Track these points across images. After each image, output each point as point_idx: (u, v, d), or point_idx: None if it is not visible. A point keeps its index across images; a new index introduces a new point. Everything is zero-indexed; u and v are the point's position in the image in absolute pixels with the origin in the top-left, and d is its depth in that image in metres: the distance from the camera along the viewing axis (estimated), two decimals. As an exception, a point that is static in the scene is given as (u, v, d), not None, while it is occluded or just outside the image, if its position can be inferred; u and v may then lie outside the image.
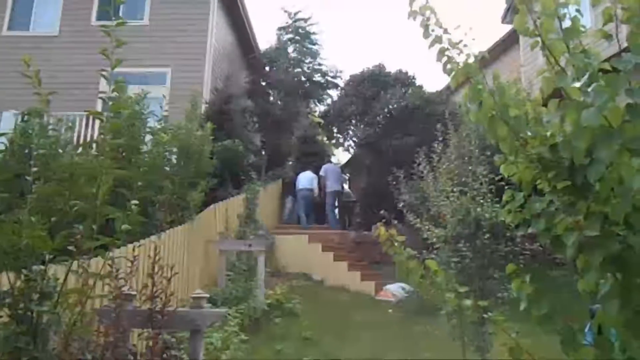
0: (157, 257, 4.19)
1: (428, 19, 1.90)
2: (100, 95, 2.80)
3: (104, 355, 3.53)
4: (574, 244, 1.70)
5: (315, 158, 14.54)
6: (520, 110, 1.92)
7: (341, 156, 19.92)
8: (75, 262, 2.82)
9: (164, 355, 4.26)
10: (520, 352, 2.02)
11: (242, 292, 8.26)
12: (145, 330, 4.10)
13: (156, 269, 4.14)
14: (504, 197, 2.05)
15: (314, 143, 15.05)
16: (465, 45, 1.92)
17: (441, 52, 1.93)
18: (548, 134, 1.89)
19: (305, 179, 13.47)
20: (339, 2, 52.09)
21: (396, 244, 2.18)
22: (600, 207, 1.78)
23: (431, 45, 1.92)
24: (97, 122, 10.90)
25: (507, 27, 14.88)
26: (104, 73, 2.85)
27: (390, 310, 8.98)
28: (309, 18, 18.87)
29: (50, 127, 7.91)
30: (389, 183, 10.79)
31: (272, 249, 10.82)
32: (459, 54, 1.91)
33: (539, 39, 1.71)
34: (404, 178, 9.67)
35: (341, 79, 18.63)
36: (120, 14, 13.66)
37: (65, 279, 2.72)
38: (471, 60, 1.94)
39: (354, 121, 16.45)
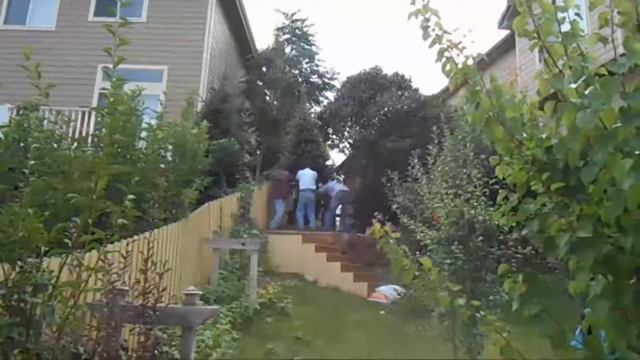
0: (150, 253, 4.20)
1: (428, 19, 1.92)
2: (103, 91, 2.81)
3: (95, 350, 3.53)
4: (566, 245, 1.73)
5: (312, 146, 14.06)
6: (516, 112, 1.94)
7: (336, 157, 19.94)
8: (68, 256, 2.82)
9: (155, 351, 4.26)
10: (511, 351, 2.04)
11: (235, 291, 8.27)
12: (136, 326, 4.09)
13: (149, 265, 4.15)
14: (498, 198, 2.07)
15: (311, 131, 14.51)
16: (464, 48, 1.94)
17: (441, 53, 1.95)
18: (543, 136, 1.91)
19: (307, 178, 12.98)
20: (337, 4, 52.22)
21: (391, 241, 2.20)
22: (592, 210, 1.81)
23: (431, 45, 1.95)
24: (93, 117, 10.92)
25: (504, 33, 14.98)
26: (106, 70, 2.85)
27: (382, 312, 9.00)
28: (306, 19, 18.94)
29: (45, 121, 7.89)
30: (383, 185, 10.82)
31: (266, 248, 10.82)
32: (458, 55, 1.94)
33: (538, 40, 1.73)
34: (398, 180, 9.71)
35: (338, 80, 18.69)
36: (118, 11, 13.73)
37: (59, 272, 2.72)
38: (470, 62, 1.96)
39: (349, 123, 16.46)
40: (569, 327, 1.99)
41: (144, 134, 8.18)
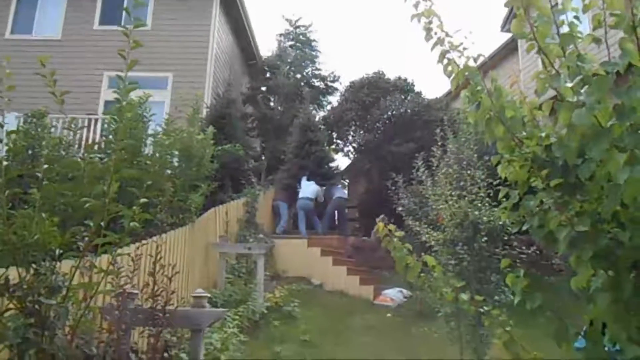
0: (158, 257, 4.26)
1: (430, 22, 1.99)
2: (113, 96, 2.87)
3: (106, 352, 3.60)
4: (566, 239, 1.78)
5: (316, 147, 13.68)
6: (517, 112, 2.00)
7: (341, 161, 19.98)
8: (82, 259, 2.89)
9: (165, 354, 4.31)
10: (515, 345, 2.09)
11: (242, 295, 8.31)
12: (146, 328, 4.15)
13: (157, 268, 4.21)
14: (500, 195, 2.13)
15: (315, 132, 14.13)
16: (465, 49, 2.00)
17: (443, 55, 2.01)
18: (543, 134, 1.97)
19: (307, 189, 12.78)
20: (340, 10, 52.40)
21: (395, 239, 2.25)
22: (591, 206, 1.86)
23: (433, 47, 2.01)
24: (99, 124, 11.04)
25: (506, 36, 15.03)
26: (119, 75, 2.91)
27: (388, 315, 9.03)
28: (310, 25, 19.09)
29: (52, 128, 8.00)
30: (388, 188, 10.86)
31: (272, 252, 10.86)
32: (459, 57, 1.99)
33: (534, 42, 1.79)
34: (403, 183, 9.75)
35: (340, 83, 18.80)
36: (123, 20, 13.77)
37: (73, 275, 2.79)
38: (471, 63, 2.02)
39: (353, 127, 16.52)
40: (571, 321, 2.04)
41: (149, 140, 8.29)
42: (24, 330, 2.52)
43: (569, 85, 1.64)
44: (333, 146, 17.23)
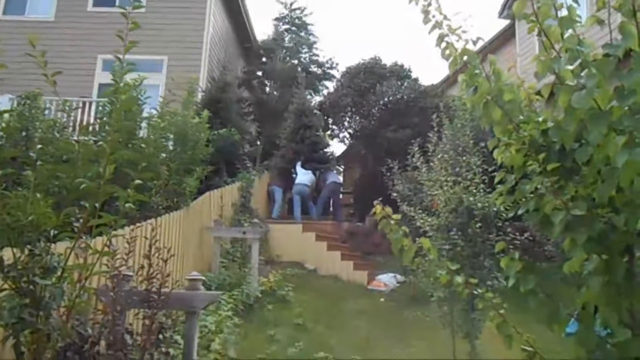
0: (153, 240, 4.26)
1: (428, 4, 1.97)
2: (110, 80, 2.85)
3: (101, 333, 3.61)
4: (561, 223, 1.79)
5: (311, 132, 13.70)
6: (515, 95, 2.00)
7: (336, 147, 19.93)
8: (77, 240, 2.88)
9: (160, 336, 4.33)
10: (507, 327, 2.11)
11: (236, 279, 8.34)
12: (141, 310, 4.16)
13: (153, 251, 4.21)
14: (496, 180, 2.13)
15: (310, 117, 14.05)
16: (464, 32, 1.99)
17: (440, 38, 2.00)
18: (540, 119, 1.97)
19: (304, 176, 12.89)
20: (336, -7, 51.88)
21: (392, 222, 2.26)
22: (587, 191, 1.87)
23: (431, 30, 2.00)
24: (93, 107, 10.96)
25: (503, 23, 14.99)
26: (117, 56, 2.88)
27: (382, 299, 9.10)
28: (305, 8, 18.96)
29: (46, 111, 7.94)
30: (383, 174, 10.87)
31: (266, 237, 10.88)
32: (457, 40, 1.98)
33: (536, 23, 1.78)
34: (398, 169, 9.77)
35: (337, 70, 18.70)
36: (117, 1, 13.58)
37: (68, 255, 2.78)
38: (469, 46, 2.01)
39: (349, 113, 16.45)
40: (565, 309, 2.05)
41: (144, 123, 8.25)
42: (19, 310, 2.53)
43: (570, 68, 1.63)
44: (329, 132, 17.17)
